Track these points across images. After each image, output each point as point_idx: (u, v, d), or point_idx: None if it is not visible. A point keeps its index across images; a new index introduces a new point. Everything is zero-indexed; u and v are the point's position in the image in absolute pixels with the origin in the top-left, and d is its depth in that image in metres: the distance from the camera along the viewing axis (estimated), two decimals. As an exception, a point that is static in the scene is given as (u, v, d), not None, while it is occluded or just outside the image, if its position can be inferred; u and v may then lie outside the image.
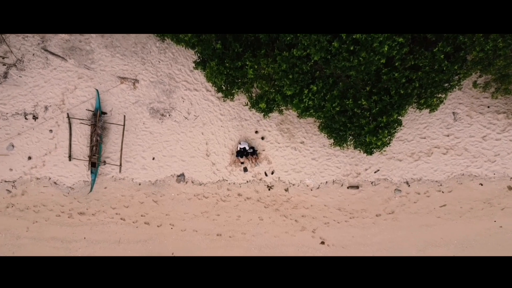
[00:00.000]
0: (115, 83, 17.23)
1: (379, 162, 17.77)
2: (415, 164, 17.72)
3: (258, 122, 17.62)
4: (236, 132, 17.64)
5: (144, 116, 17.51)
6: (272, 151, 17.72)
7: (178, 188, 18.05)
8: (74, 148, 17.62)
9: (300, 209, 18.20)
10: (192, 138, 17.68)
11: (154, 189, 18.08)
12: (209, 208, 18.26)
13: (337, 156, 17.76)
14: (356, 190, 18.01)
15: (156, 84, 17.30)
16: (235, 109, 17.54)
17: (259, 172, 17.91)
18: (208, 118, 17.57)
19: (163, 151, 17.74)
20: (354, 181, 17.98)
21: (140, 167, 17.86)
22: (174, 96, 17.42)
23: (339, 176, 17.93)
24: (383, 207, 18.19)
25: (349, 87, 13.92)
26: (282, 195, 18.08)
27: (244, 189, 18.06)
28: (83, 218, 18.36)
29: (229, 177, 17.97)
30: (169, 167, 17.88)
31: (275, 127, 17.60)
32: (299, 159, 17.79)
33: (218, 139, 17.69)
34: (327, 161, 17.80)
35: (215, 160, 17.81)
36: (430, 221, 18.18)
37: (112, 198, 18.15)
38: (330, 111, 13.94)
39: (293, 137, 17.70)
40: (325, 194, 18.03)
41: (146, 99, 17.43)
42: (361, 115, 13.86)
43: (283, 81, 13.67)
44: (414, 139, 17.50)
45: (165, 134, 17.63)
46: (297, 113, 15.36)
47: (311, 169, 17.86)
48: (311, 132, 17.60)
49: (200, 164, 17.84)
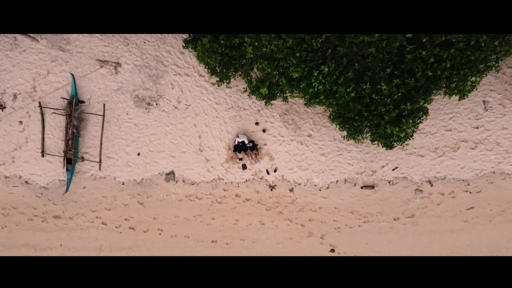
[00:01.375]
0: (94, 67, 15.58)
1: (397, 158, 16.15)
2: (439, 160, 16.17)
3: (258, 112, 15.92)
4: (233, 124, 15.97)
5: (128, 105, 15.84)
6: (274, 145, 16.07)
7: (167, 188, 16.46)
8: (48, 142, 15.99)
9: (307, 212, 16.69)
10: (183, 130, 16.04)
11: (140, 189, 16.46)
12: (202, 211, 16.74)
13: (350, 152, 16.07)
14: (371, 190, 16.43)
15: (141, 68, 15.61)
16: (232, 97, 15.85)
17: (260, 169, 16.26)
18: (201, 107, 15.90)
19: (149, 146, 16.09)
20: (369, 180, 16.35)
21: (123, 164, 16.21)
22: (162, 82, 15.73)
23: (351, 175, 16.28)
24: (402, 209, 16.67)
25: (366, 69, 12.40)
26: (286, 196, 16.51)
27: (243, 189, 16.47)
28: (59, 222, 16.83)
29: (226, 175, 16.35)
30: (156, 164, 16.27)
31: (278, 118, 15.91)
32: (306, 155, 16.14)
33: (213, 132, 16.01)
34: (338, 157, 16.13)
35: (210, 156, 16.15)
36: (456, 225, 16.77)
37: (92, 199, 16.67)
38: (344, 97, 12.41)
39: (299, 129, 15.99)
40: (336, 195, 16.52)
41: (130, 85, 15.74)
42: (380, 102, 12.35)
43: (288, 61, 12.06)
44: (438, 131, 15.93)
45: (152, 126, 15.97)
46: (305, 100, 13.73)
47: (319, 166, 16.22)
48: (319, 124, 15.91)
49: (193, 160, 16.23)
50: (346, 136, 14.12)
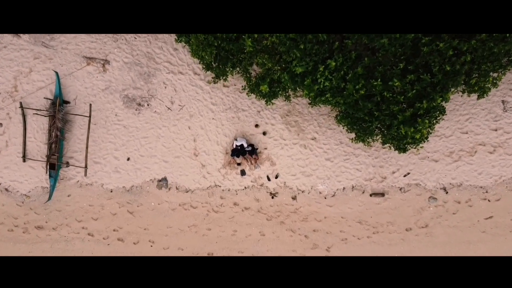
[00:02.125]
0: (80, 65, 14.65)
1: (409, 163, 15.16)
2: (454, 165, 15.21)
3: (258, 113, 14.94)
4: (231, 126, 14.98)
5: (117, 106, 14.86)
6: (276, 149, 15.06)
7: (160, 196, 15.41)
8: (30, 146, 14.99)
9: (311, 221, 15.66)
10: (177, 133, 15.03)
11: (130, 197, 15.41)
12: (198, 220, 15.71)
13: (357, 156, 15.06)
14: (381, 198, 15.41)
15: (132, 66, 14.66)
16: (229, 97, 14.87)
17: (260, 176, 15.23)
18: (197, 108, 14.92)
19: (140, 150, 15.07)
20: (378, 187, 15.32)
21: (111, 170, 15.17)
22: (154, 81, 14.77)
23: (359, 181, 15.26)
24: (414, 219, 15.68)
25: (377, 64, 11.53)
26: (288, 204, 15.48)
27: (242, 197, 15.45)
28: (41, 233, 15.77)
29: (223, 182, 15.32)
30: (148, 169, 15.24)
31: (280, 119, 14.91)
32: (309, 160, 15.12)
33: (209, 135, 15.01)
34: (344, 162, 15.11)
35: (205, 161, 15.12)
36: (473, 236, 15.79)
37: (77, 208, 15.64)
38: (353, 95, 11.52)
39: (303, 132, 14.99)
40: (343, 204, 15.48)
41: (119, 84, 14.78)
42: (392, 101, 11.46)
43: (291, 54, 11.16)
44: (453, 134, 14.97)
45: (142, 129, 14.97)
46: (309, 99, 12.77)
47: (324, 172, 15.20)
48: (324, 126, 14.93)
49: (187, 166, 15.22)
50: (355, 139, 13.16)
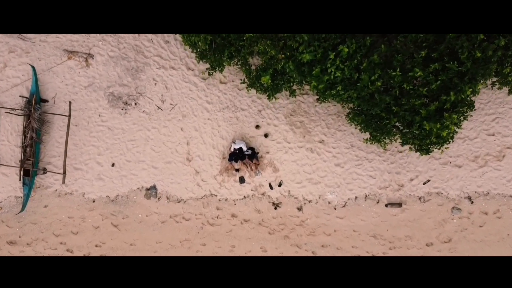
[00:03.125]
0: (60, 59, 13.53)
1: (429, 169, 13.90)
2: (480, 171, 13.99)
3: (259, 113, 13.70)
4: (229, 128, 13.74)
5: (101, 105, 13.65)
6: (279, 153, 13.82)
7: (148, 206, 14.13)
8: (3, 149, 13.85)
9: (319, 235, 14.40)
10: (168, 136, 13.78)
11: (114, 208, 14.08)
12: (191, 235, 14.46)
13: (371, 161, 13.74)
14: (398, 209, 14.08)
15: (118, 60, 13.50)
16: (227, 94, 13.66)
17: (261, 183, 13.94)
18: (190, 107, 13.70)
19: (126, 155, 13.80)
20: (395, 196, 13.99)
21: (94, 177, 13.88)
22: (143, 77, 13.58)
23: (373, 189, 13.92)
24: (436, 232, 14.41)
25: (395, 52, 10.39)
26: (293, 216, 14.21)
27: (241, 207, 14.20)
28: (14, 249, 14.51)
29: (219, 190, 14.05)
30: (135, 176, 14.00)
31: (283, 120, 13.65)
32: (317, 166, 13.86)
33: (204, 138, 13.74)
34: (356, 168, 13.81)
35: (200, 167, 13.83)
36: (502, 252, 14.52)
37: (55, 221, 14.32)
38: (367, 87, 10.38)
39: (309, 134, 13.70)
40: (355, 215, 14.19)
41: (104, 81, 13.59)
42: (413, 94, 10.36)
43: (298, 38, 9.90)
44: (478, 136, 13.80)
45: (129, 131, 13.72)
46: (317, 94, 11.50)
47: (334, 179, 13.90)
48: (334, 127, 13.67)
49: (179, 172, 13.99)
50: (369, 139, 11.89)
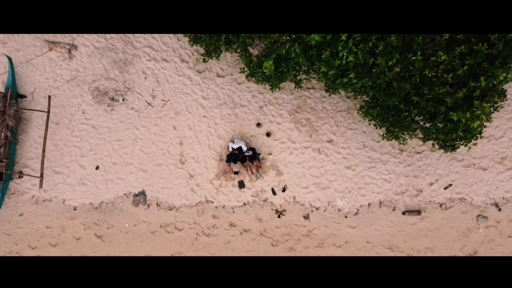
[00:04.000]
0: (40, 50, 12.38)
1: (451, 172, 12.60)
2: (507, 174, 12.78)
3: (261, 109, 12.51)
4: (227, 126, 12.53)
5: (85, 101, 12.47)
6: (283, 155, 12.55)
7: (136, 214, 12.80)
8: None
9: (329, 248, 13.03)
10: (159, 135, 12.55)
11: (98, 216, 12.74)
12: (184, 247, 13.09)
13: (386, 163, 12.48)
14: (416, 217, 12.73)
15: (104, 51, 12.40)
16: (225, 89, 12.49)
17: (263, 188, 12.63)
18: (184, 103, 12.51)
19: (112, 156, 12.54)
20: (413, 202, 12.67)
21: (76, 182, 12.59)
22: (132, 71, 12.45)
23: (389, 195, 12.60)
24: (459, 244, 13.00)
25: (415, 34, 9.18)
26: (299, 225, 12.81)
27: (240, 215, 12.84)
28: None
29: (216, 196, 12.70)
30: (122, 181, 12.69)
31: (287, 117, 12.46)
32: (325, 168, 12.57)
33: (199, 137, 12.51)
34: (369, 171, 12.53)
35: (194, 170, 12.56)
36: None
37: (32, 231, 13.00)
38: (384, 74, 9.33)
39: (316, 132, 12.49)
40: (368, 224, 12.86)
41: (88, 74, 12.46)
42: (436, 81, 9.24)
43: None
44: (504, 135, 12.65)
45: (116, 130, 12.52)
46: (326, 84, 10.35)
47: (344, 183, 12.59)
48: (343, 125, 12.47)
49: (171, 176, 12.72)
50: (386, 135, 10.67)
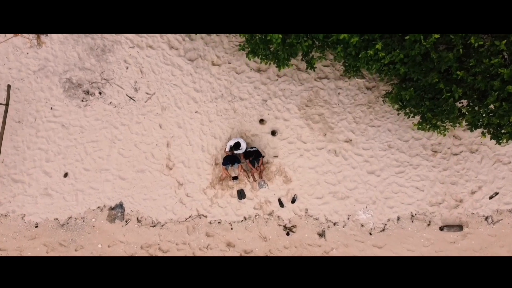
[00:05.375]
0: (3, 36, 10.84)
1: (496, 177, 10.71)
2: None
3: (264, 103, 10.76)
4: (223, 123, 10.73)
5: (54, 94, 10.77)
6: (292, 157, 10.68)
7: (111, 233, 10.77)
8: None
9: None
10: (142, 135, 10.73)
11: (65, 235, 10.75)
12: None
13: (417, 167, 10.56)
14: (457, 233, 10.71)
15: (79, 37, 11.03)
16: (221, 80, 10.80)
17: (268, 199, 10.64)
18: (172, 97, 10.77)
19: (85, 161, 10.66)
20: (452, 215, 10.66)
21: (39, 192, 10.68)
22: (111, 59, 10.83)
23: (422, 206, 10.60)
24: None
25: None
26: (313, 245, 10.77)
27: (240, 233, 10.79)
28: None
29: (211, 209, 10.69)
30: (95, 191, 10.75)
31: (297, 112, 10.70)
32: (343, 174, 10.63)
33: (190, 137, 10.69)
34: (397, 177, 10.59)
35: (184, 176, 10.63)
36: None
37: (-17, 255, 10.73)
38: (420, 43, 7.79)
39: (331, 130, 10.65)
40: (398, 243, 10.83)
41: (60, 64, 10.84)
42: (484, 52, 7.35)
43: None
44: None
45: (90, 129, 10.73)
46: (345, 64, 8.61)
47: (367, 192, 10.61)
48: (364, 122, 10.69)
49: (155, 185, 10.80)
50: (421, 124, 8.81)
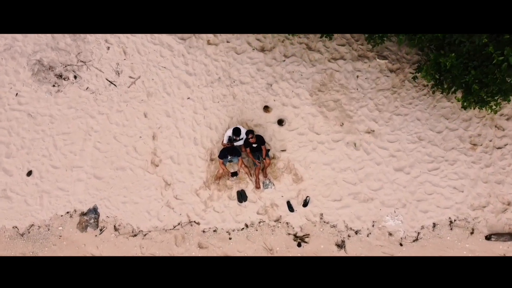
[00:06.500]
0: (-36, 11, 9.41)
1: (550, 175, 8.98)
2: None
3: (269, 87, 9.34)
4: (221, 111, 9.28)
5: (20, 79, 9.43)
6: (303, 152, 9.12)
7: (82, 244, 9.14)
8: None
9: None
10: (123, 126, 9.25)
11: (25, 247, 9.10)
12: None
13: (453, 163, 8.99)
14: (507, 242, 8.87)
15: (53, 13, 9.45)
16: (219, 61, 9.47)
17: (275, 202, 9.01)
18: (161, 81, 9.37)
19: (53, 157, 9.13)
20: (499, 221, 9.05)
21: (-4, 195, 8.94)
22: (90, 39, 9.62)
23: (463, 210, 8.94)
24: None
25: None
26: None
27: (240, 244, 9.09)
28: None
29: (204, 215, 9.03)
30: (64, 193, 9.19)
31: (308, 98, 9.22)
32: (366, 171, 9.04)
33: (181, 127, 9.17)
34: (431, 175, 9.00)
35: (173, 175, 9.06)
36: None
37: None
38: None
39: (350, 119, 9.13)
40: (435, 255, 8.72)
41: (29, 43, 9.58)
42: None
43: None
44: None
45: (62, 119, 9.27)
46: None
47: (395, 193, 8.97)
48: (388, 109, 9.24)
49: (138, 185, 9.24)
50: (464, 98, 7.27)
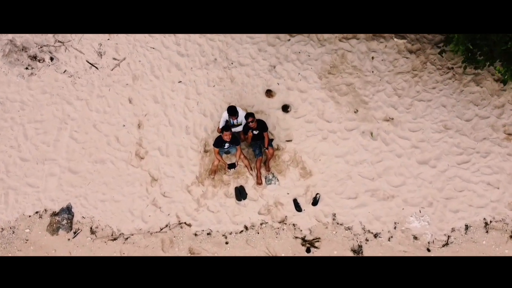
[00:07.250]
0: None
1: None
2: None
3: (272, 69, 8.44)
4: (216, 96, 8.36)
5: (-12, 60, 8.36)
6: (311, 142, 8.17)
7: (52, 249, 8.08)
8: None
9: None
10: (104, 113, 8.30)
11: None
12: None
13: (486, 155, 8.00)
14: (555, 248, 7.65)
15: (29, -12, 8.58)
16: (215, 40, 8.78)
17: (279, 200, 7.94)
18: (148, 63, 8.48)
19: (22, 148, 8.18)
20: (543, 222, 7.76)
21: (-46, 192, 7.83)
22: (70, 16, 8.50)
23: (500, 210, 7.92)
24: None
25: None
26: (345, 266, 7.57)
27: (238, 249, 8.05)
28: None
29: (197, 215, 7.97)
30: (33, 190, 8.20)
31: (317, 81, 8.32)
32: (384, 164, 8.04)
33: (170, 115, 8.24)
34: (460, 169, 7.95)
35: (161, 169, 8.09)
36: None
37: None
38: None
39: (365, 105, 8.16)
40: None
41: (0, 21, 8.49)
42: None
43: None
44: None
45: (35, 105, 8.40)
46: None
47: (420, 191, 7.98)
48: (409, 94, 8.37)
49: (119, 180, 8.22)
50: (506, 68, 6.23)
